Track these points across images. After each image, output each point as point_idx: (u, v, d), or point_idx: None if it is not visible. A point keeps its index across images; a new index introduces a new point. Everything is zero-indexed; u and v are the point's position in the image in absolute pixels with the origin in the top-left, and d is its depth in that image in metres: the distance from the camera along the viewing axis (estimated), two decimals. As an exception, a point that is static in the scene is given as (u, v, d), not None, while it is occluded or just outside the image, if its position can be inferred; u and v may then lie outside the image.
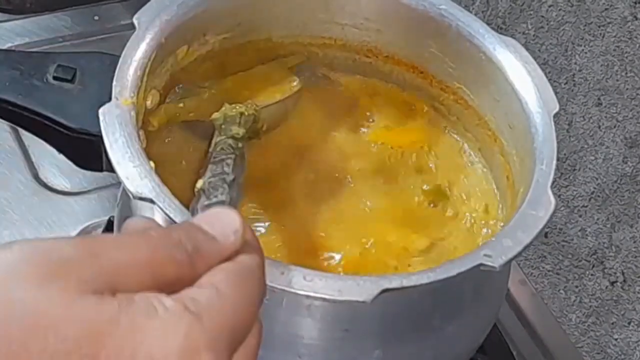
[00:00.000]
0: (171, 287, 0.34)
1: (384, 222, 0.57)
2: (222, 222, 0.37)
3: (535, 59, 0.57)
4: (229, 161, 0.47)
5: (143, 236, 0.35)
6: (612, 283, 0.76)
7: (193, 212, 0.43)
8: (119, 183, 0.47)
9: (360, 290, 0.43)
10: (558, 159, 0.52)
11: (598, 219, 0.77)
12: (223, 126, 0.54)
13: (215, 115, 0.55)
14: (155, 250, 0.34)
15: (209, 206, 0.42)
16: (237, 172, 0.46)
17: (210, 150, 0.51)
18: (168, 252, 0.34)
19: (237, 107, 0.56)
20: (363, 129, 0.63)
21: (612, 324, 0.77)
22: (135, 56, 0.52)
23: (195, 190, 0.45)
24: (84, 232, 0.72)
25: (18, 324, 0.31)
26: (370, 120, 0.64)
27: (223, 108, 0.56)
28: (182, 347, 0.32)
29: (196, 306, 0.33)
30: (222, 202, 0.43)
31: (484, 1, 0.83)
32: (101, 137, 0.48)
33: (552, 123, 0.54)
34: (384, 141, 0.63)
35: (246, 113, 0.56)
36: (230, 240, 0.37)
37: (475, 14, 0.77)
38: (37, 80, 0.56)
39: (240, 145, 0.51)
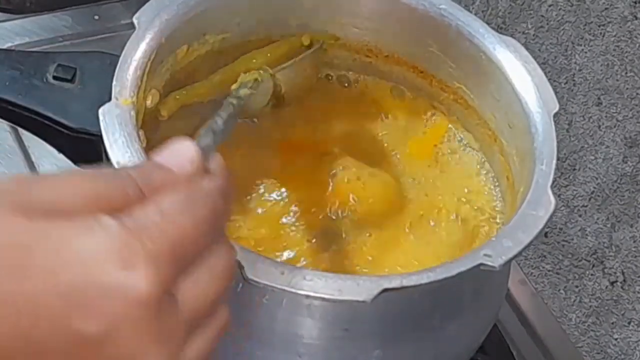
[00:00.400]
0: (119, 211, 0.33)
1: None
2: (177, 153, 0.36)
3: (535, 58, 0.57)
4: (222, 114, 0.46)
5: (90, 171, 0.34)
6: (612, 283, 0.76)
7: None
8: (118, 182, 0.47)
9: (360, 289, 0.43)
10: (558, 159, 0.52)
11: (598, 219, 0.77)
12: (234, 91, 0.54)
13: (234, 86, 0.55)
14: (100, 183, 0.33)
15: None
16: (228, 122, 0.46)
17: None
18: (115, 184, 0.33)
19: (252, 74, 0.56)
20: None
21: (612, 323, 0.77)
22: (135, 56, 0.52)
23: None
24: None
25: None
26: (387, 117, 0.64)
27: (240, 78, 0.56)
28: (115, 260, 0.31)
29: (135, 223, 0.32)
30: (205, 146, 0.41)
31: (484, 1, 0.83)
32: (101, 136, 0.48)
33: (552, 123, 0.54)
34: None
35: (260, 79, 0.56)
36: (186, 170, 0.36)
37: (475, 14, 0.77)
38: (37, 80, 0.56)
39: (242, 102, 0.51)
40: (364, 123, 0.64)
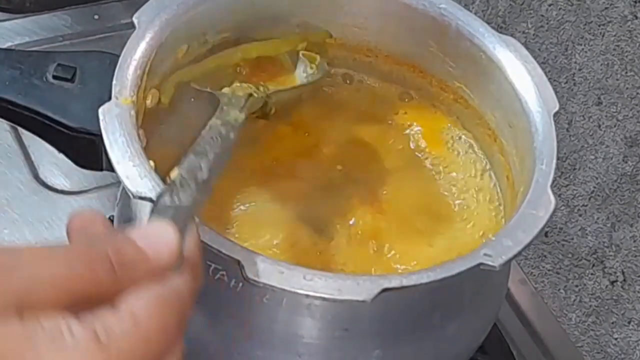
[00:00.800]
0: (90, 302, 0.33)
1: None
2: (158, 239, 0.36)
3: (535, 58, 0.57)
4: (210, 156, 0.45)
5: (66, 249, 0.34)
6: (612, 282, 0.76)
7: (156, 206, 0.40)
8: (118, 182, 0.47)
9: (360, 289, 0.43)
10: (558, 158, 0.52)
11: (598, 218, 0.76)
12: (225, 107, 0.52)
13: (225, 89, 0.55)
14: (76, 265, 0.33)
15: (167, 207, 0.40)
16: (214, 171, 0.44)
17: (203, 133, 0.49)
18: (90, 267, 0.34)
19: (248, 88, 0.55)
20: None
21: (612, 323, 0.77)
22: (135, 55, 0.52)
23: (168, 179, 0.43)
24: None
25: None
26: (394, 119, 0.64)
27: (234, 85, 0.55)
28: None
29: (107, 336, 0.32)
30: (183, 207, 0.40)
31: (484, 0, 0.83)
32: (101, 136, 0.47)
33: (552, 122, 0.54)
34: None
35: (255, 95, 0.55)
36: (163, 259, 0.36)
37: (475, 13, 0.77)
38: (37, 80, 0.56)
39: (231, 135, 0.49)
40: (364, 124, 0.64)
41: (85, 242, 0.35)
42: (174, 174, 0.43)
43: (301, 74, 0.62)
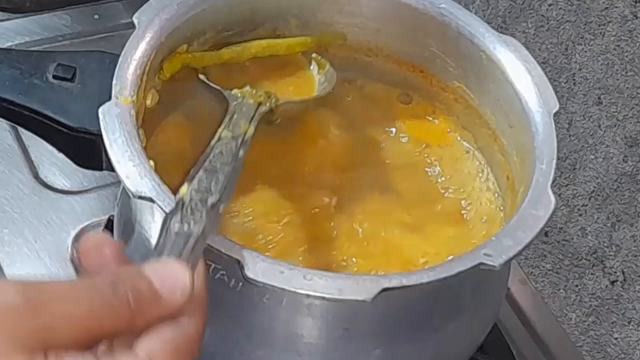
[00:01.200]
0: (107, 338, 0.35)
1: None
2: (171, 278, 0.38)
3: (535, 58, 0.57)
4: (220, 176, 0.45)
5: (87, 286, 0.36)
6: (612, 282, 0.76)
7: (164, 228, 0.41)
8: (118, 182, 0.47)
9: (360, 289, 0.43)
10: (558, 158, 0.52)
11: (598, 218, 0.77)
12: (235, 115, 0.52)
13: (235, 91, 0.55)
14: (96, 304, 0.35)
15: (178, 235, 0.40)
16: (224, 193, 0.44)
17: (212, 143, 0.49)
18: (109, 306, 0.35)
19: (258, 95, 0.55)
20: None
21: (612, 323, 0.77)
22: (135, 55, 0.52)
23: (177, 197, 0.43)
24: (84, 231, 0.72)
25: None
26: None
27: (245, 88, 0.55)
28: None
29: None
30: (193, 236, 0.41)
31: (484, 0, 0.83)
32: (101, 136, 0.48)
33: (552, 122, 0.54)
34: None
35: (265, 104, 0.55)
36: (175, 297, 0.37)
37: (476, 13, 0.77)
38: (37, 79, 0.56)
39: (241, 153, 0.49)
40: (365, 124, 0.64)
41: (104, 279, 0.36)
42: (184, 190, 0.43)
43: (316, 73, 0.62)
